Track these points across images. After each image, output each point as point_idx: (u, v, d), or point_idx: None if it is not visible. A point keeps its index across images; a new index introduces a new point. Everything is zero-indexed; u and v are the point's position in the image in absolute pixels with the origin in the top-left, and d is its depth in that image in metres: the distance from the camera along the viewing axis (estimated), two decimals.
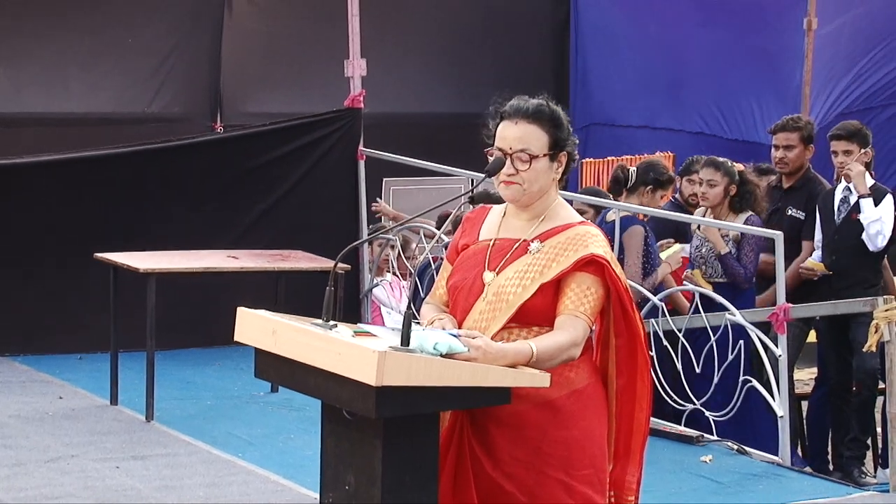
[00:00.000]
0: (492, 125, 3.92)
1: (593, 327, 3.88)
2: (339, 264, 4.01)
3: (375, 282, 8.97)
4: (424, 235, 8.98)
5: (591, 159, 11.80)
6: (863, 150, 7.76)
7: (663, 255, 7.91)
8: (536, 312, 3.80)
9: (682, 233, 8.23)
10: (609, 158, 11.62)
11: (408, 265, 8.73)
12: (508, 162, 3.84)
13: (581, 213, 5.88)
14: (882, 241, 7.58)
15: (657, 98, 12.18)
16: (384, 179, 11.09)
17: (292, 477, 6.32)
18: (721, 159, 7.94)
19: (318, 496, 3.83)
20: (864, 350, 7.04)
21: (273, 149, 9.12)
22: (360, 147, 9.26)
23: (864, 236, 7.58)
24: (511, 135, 3.85)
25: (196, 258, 7.59)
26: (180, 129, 10.46)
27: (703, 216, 7.96)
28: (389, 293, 8.97)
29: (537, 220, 3.91)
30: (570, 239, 3.85)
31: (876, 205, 7.63)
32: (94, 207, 8.62)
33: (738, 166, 7.98)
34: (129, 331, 7.69)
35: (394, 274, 8.95)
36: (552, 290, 3.80)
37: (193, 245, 8.08)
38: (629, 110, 12.41)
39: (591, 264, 3.80)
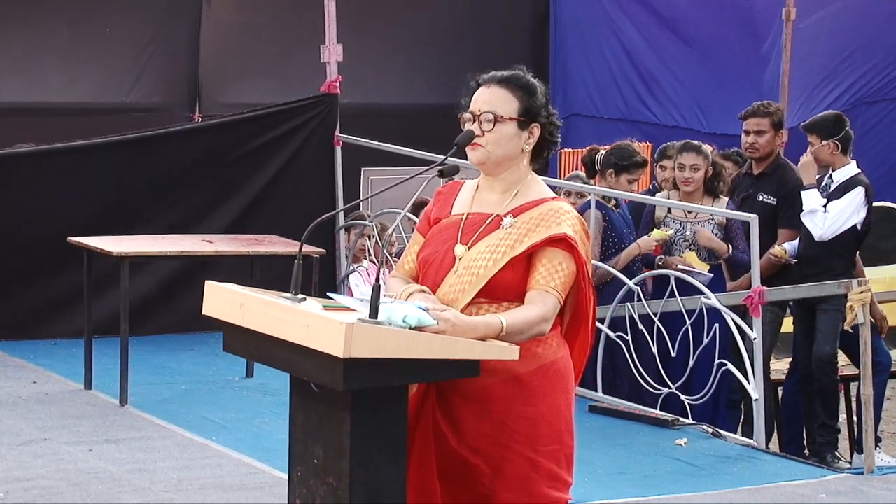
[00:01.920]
0: (470, 95, 3.92)
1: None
2: (315, 248, 3.99)
3: (352, 269, 8.96)
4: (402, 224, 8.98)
5: (571, 149, 11.83)
6: (824, 142, 7.75)
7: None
8: (506, 287, 3.78)
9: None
10: (588, 147, 11.63)
11: (384, 252, 8.71)
12: (476, 124, 3.83)
13: None
14: (819, 233, 7.60)
15: (636, 91, 12.22)
16: (362, 169, 11.10)
17: (266, 460, 6.31)
18: (696, 142, 7.98)
19: None
20: (845, 328, 7.09)
21: (250, 136, 9.12)
22: (337, 133, 9.25)
23: None
24: (481, 97, 3.86)
25: (170, 242, 7.58)
26: (159, 119, 10.47)
27: (668, 199, 8.00)
28: (366, 280, 8.95)
29: (510, 194, 3.89)
30: (542, 214, 3.83)
31: (844, 194, 7.66)
32: (71, 195, 8.61)
33: (709, 147, 8.03)
34: (103, 316, 7.66)
35: (370, 261, 8.93)
36: (523, 266, 3.79)
37: (171, 233, 8.07)
38: (609, 102, 12.45)
39: (562, 241, 3.79)
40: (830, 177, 7.81)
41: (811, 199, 7.64)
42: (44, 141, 9.12)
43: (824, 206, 7.63)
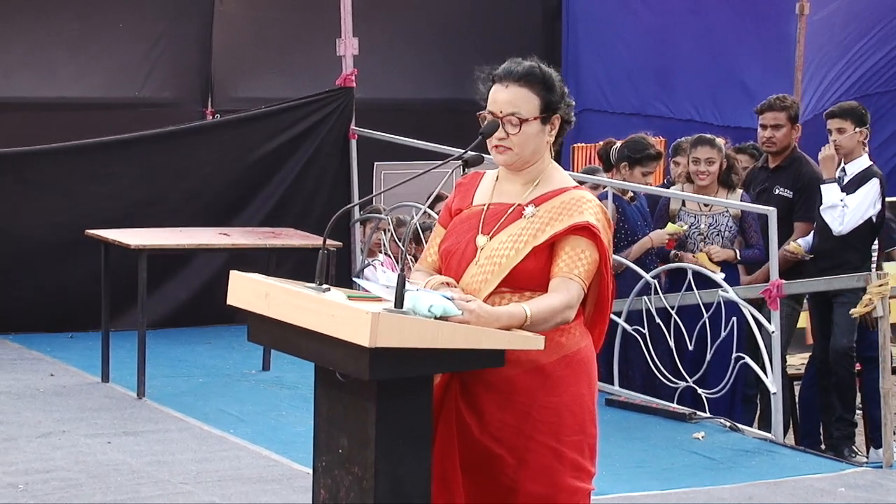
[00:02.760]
0: (483, 88, 3.89)
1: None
2: (333, 241, 3.97)
3: (367, 262, 8.96)
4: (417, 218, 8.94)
5: (583, 144, 11.81)
6: (857, 129, 7.73)
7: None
8: (529, 276, 3.77)
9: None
10: (600, 143, 11.62)
11: (400, 246, 8.71)
12: (500, 126, 3.81)
13: None
14: (839, 227, 7.58)
15: (649, 85, 12.18)
16: (376, 164, 11.08)
17: (284, 452, 6.31)
18: (709, 136, 7.95)
19: (310, 471, 3.80)
20: (850, 314, 7.07)
21: (266, 131, 9.15)
22: (352, 126, 9.26)
23: None
24: (501, 98, 3.82)
25: (187, 235, 7.59)
26: (171, 114, 10.45)
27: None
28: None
29: (531, 184, 3.87)
30: (564, 203, 3.82)
31: (858, 187, 7.63)
32: (87, 191, 8.65)
33: (722, 140, 8.04)
34: (120, 310, 7.65)
35: (386, 255, 8.94)
36: (545, 255, 3.77)
37: (186, 227, 8.07)
38: (621, 97, 12.40)
39: (585, 230, 3.78)
40: (843, 169, 7.78)
41: (831, 193, 7.62)
42: (55, 135, 9.13)
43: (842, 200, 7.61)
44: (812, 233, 7.90)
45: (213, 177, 8.96)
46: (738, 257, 7.79)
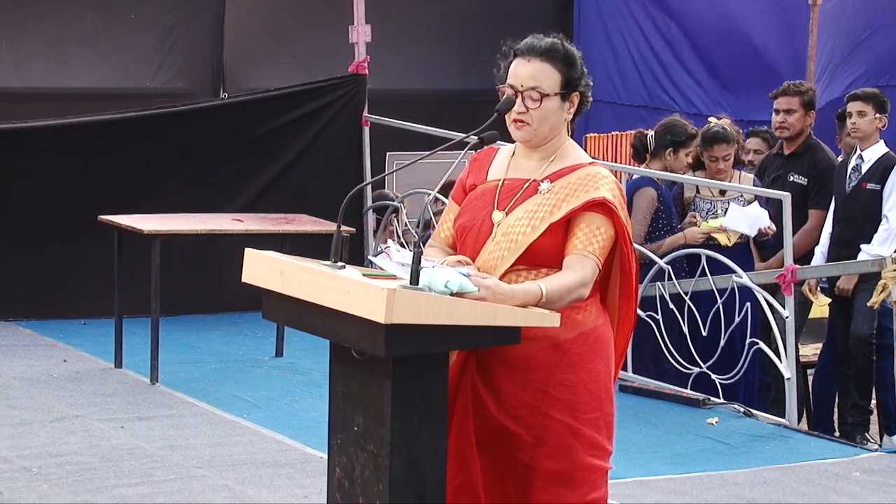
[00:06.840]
0: (504, 64, 3.88)
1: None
2: (347, 227, 3.96)
3: (380, 248, 8.94)
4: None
5: (594, 134, 11.81)
6: (877, 115, 7.69)
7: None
8: (545, 253, 3.76)
9: None
10: (613, 133, 11.64)
11: (412, 231, 8.70)
12: (519, 100, 3.80)
13: None
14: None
15: (657, 78, 12.17)
16: (388, 153, 11.09)
17: (297, 437, 6.31)
18: (722, 131, 7.83)
19: (324, 455, 3.79)
20: (867, 305, 7.03)
21: (278, 115, 9.14)
22: (365, 113, 9.26)
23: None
24: (523, 72, 3.80)
25: (201, 221, 7.59)
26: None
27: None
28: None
29: (547, 160, 3.86)
30: (580, 179, 3.81)
31: (885, 176, 7.56)
32: (99, 173, 8.65)
33: (726, 121, 8.00)
34: (133, 297, 7.67)
35: (398, 243, 8.93)
36: (561, 231, 3.76)
37: (198, 211, 8.08)
38: (631, 89, 12.40)
39: (600, 206, 3.76)
40: (860, 156, 7.72)
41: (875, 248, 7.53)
42: (70, 117, 9.13)
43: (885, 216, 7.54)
44: (832, 223, 7.83)
45: (221, 158, 8.94)
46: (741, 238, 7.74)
